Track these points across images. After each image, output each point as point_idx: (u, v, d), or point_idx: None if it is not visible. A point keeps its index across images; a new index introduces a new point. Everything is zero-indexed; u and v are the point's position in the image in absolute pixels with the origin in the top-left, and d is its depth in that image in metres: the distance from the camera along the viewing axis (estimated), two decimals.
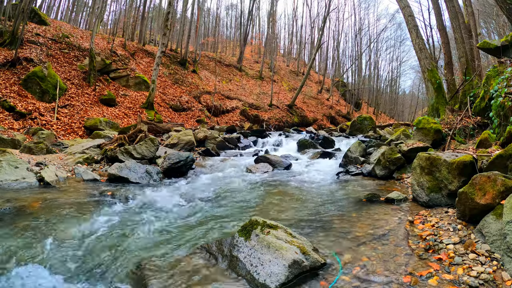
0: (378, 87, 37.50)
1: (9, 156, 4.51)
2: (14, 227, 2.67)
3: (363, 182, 4.64)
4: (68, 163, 5.35)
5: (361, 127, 13.18)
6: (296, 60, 35.38)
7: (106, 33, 23.10)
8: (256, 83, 25.02)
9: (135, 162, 5.07)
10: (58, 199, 3.49)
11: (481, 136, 4.58)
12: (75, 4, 29.48)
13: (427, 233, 2.43)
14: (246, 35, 27.35)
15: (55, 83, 10.08)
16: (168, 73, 18.23)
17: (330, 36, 34.28)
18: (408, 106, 45.05)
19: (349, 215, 3.06)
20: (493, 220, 2.13)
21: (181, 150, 6.97)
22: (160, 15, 27.76)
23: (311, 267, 1.93)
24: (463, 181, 2.86)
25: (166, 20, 14.02)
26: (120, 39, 18.81)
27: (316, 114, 23.74)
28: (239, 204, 3.62)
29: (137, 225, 2.87)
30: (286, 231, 2.20)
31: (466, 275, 1.84)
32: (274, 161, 5.95)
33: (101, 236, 2.60)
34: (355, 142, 6.59)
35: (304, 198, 3.81)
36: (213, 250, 2.20)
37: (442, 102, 8.58)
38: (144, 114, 11.80)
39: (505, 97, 4.27)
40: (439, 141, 5.92)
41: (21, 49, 11.19)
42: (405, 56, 58.79)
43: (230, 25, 45.00)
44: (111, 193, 3.85)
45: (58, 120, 9.07)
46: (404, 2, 9.85)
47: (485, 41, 6.61)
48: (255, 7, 32.14)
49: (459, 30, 9.21)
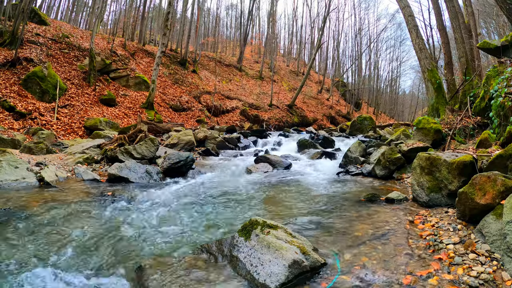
0: (378, 87, 37.50)
1: (9, 156, 4.51)
2: (14, 227, 2.67)
3: (363, 182, 4.64)
4: (68, 163, 5.35)
5: (361, 127, 13.18)
6: (296, 60, 35.38)
7: (106, 33, 23.10)
8: (256, 83, 25.01)
9: (135, 162, 5.07)
10: (58, 199, 3.50)
11: (481, 136, 4.58)
12: (75, 4, 29.49)
13: (427, 233, 2.43)
14: (246, 35, 27.35)
15: (55, 83, 10.08)
16: (168, 73, 18.22)
17: (330, 36, 34.34)
18: (408, 106, 45.06)
19: (349, 215, 3.06)
20: (493, 220, 2.13)
21: (181, 150, 6.97)
22: (160, 15, 27.76)
23: (311, 267, 1.93)
24: (463, 181, 2.86)
25: (166, 20, 14.02)
26: (120, 39, 18.81)
27: (316, 114, 23.74)
28: (239, 204, 3.62)
29: (137, 225, 2.87)
30: (286, 231, 2.19)
31: (466, 275, 1.84)
32: (274, 161, 5.95)
33: (101, 235, 2.60)
34: (355, 142, 6.59)
35: (304, 198, 3.81)
36: (213, 250, 2.20)
37: (442, 102, 8.58)
38: (144, 114, 11.80)
39: (505, 97, 4.27)
40: (439, 141, 5.92)
41: (21, 49, 11.19)
42: (405, 56, 58.89)
43: (230, 25, 45.05)
44: (111, 193, 3.85)
45: (58, 120, 9.07)
46: (404, 2, 9.86)
47: (485, 41, 6.61)
48: (255, 7, 32.16)
49: (459, 30, 9.22)
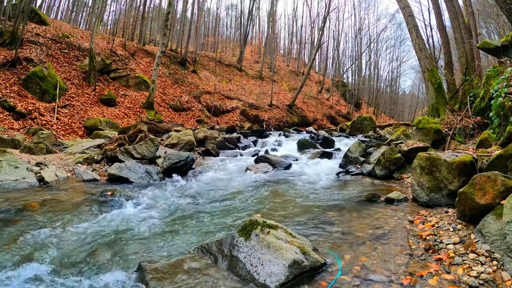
0: (378, 87, 37.50)
1: (9, 156, 4.51)
2: (14, 227, 2.67)
3: (363, 182, 4.64)
4: (68, 163, 5.35)
5: (361, 127, 13.19)
6: (296, 60, 35.38)
7: (106, 33, 23.08)
8: (256, 83, 25.01)
9: (135, 162, 5.07)
10: (58, 199, 3.50)
11: (481, 136, 4.58)
12: (75, 4, 29.49)
13: (427, 233, 2.43)
14: (246, 35, 27.34)
15: (55, 83, 10.08)
16: (168, 73, 18.22)
17: (330, 36, 34.30)
18: (408, 106, 45.05)
19: (349, 215, 3.06)
20: (493, 220, 2.13)
21: (181, 150, 6.97)
22: (160, 15, 27.74)
23: (311, 267, 1.93)
24: (463, 181, 2.86)
25: (166, 20, 14.02)
26: (120, 39, 18.80)
27: (316, 114, 23.72)
28: (239, 204, 3.62)
29: (137, 224, 2.87)
30: (286, 231, 2.19)
31: (466, 275, 1.84)
32: (274, 161, 5.95)
33: (101, 235, 2.60)
34: (355, 142, 6.59)
35: (304, 198, 3.81)
36: (213, 250, 2.20)
37: (442, 102, 8.58)
38: (144, 114, 11.80)
39: (505, 97, 4.28)
40: (439, 141, 5.92)
41: (21, 49, 11.18)
42: (405, 56, 58.80)
43: (230, 25, 45.05)
44: (111, 193, 3.85)
45: (58, 120, 9.07)
46: (404, 2, 9.86)
47: (485, 41, 6.61)
48: (255, 7, 32.12)
49: (459, 30, 9.22)
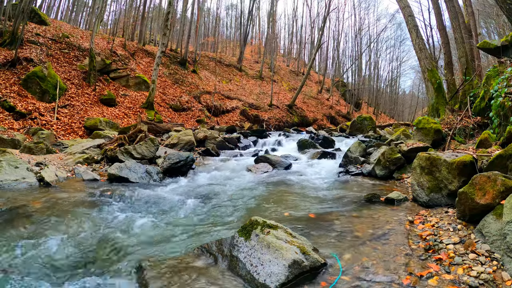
0: (378, 87, 37.51)
1: (9, 156, 4.51)
2: (14, 227, 2.67)
3: (363, 182, 4.64)
4: (68, 163, 5.35)
5: (361, 127, 13.20)
6: (296, 60, 35.39)
7: (106, 33, 23.09)
8: (256, 83, 25.01)
9: (135, 162, 5.07)
10: (58, 199, 3.49)
11: (481, 136, 4.58)
12: (75, 4, 29.49)
13: (427, 233, 2.43)
14: (246, 35, 27.35)
15: (55, 83, 10.08)
16: (168, 73, 18.22)
17: (330, 36, 34.33)
18: (408, 106, 45.06)
19: (349, 215, 3.06)
20: (493, 220, 2.13)
21: (181, 150, 6.97)
22: (160, 15, 27.75)
23: (311, 267, 1.92)
24: (463, 181, 2.86)
25: (166, 20, 14.02)
26: (120, 39, 18.80)
27: (316, 114, 23.73)
28: (239, 204, 3.62)
29: (137, 224, 2.87)
30: (286, 231, 2.19)
31: (466, 275, 1.84)
32: (274, 161, 5.95)
33: (101, 235, 2.60)
34: (355, 142, 6.59)
35: (304, 197, 3.81)
36: (213, 250, 2.20)
37: (442, 102, 8.58)
38: (144, 114, 11.80)
39: (505, 97, 4.28)
40: (439, 141, 5.92)
41: (21, 49, 11.18)
42: (405, 56, 58.84)
43: (230, 25, 45.06)
44: (111, 193, 3.85)
45: (58, 120, 9.07)
46: (404, 2, 9.86)
47: (485, 41, 6.61)
48: (255, 7, 32.13)
49: (459, 30, 9.22)
